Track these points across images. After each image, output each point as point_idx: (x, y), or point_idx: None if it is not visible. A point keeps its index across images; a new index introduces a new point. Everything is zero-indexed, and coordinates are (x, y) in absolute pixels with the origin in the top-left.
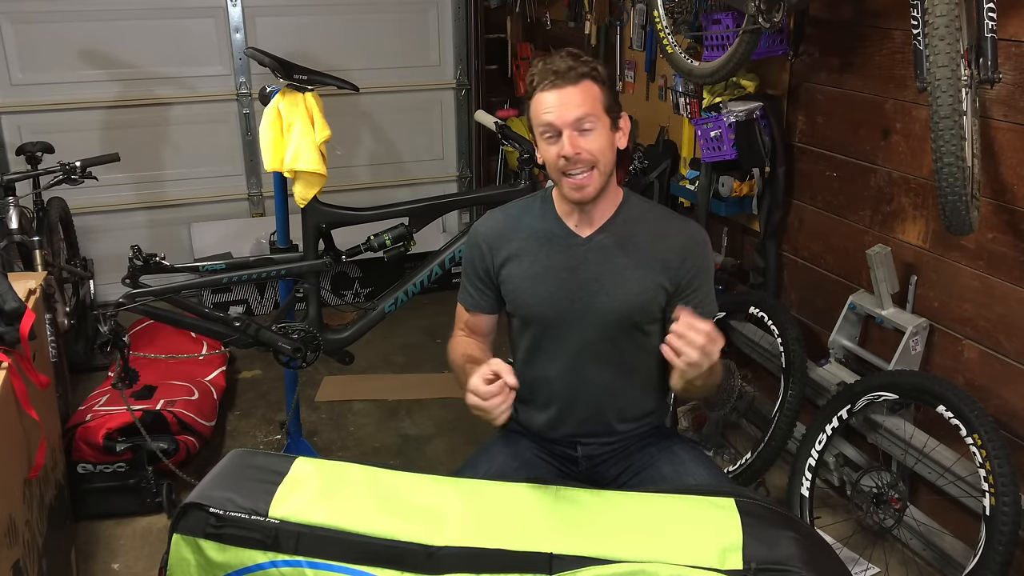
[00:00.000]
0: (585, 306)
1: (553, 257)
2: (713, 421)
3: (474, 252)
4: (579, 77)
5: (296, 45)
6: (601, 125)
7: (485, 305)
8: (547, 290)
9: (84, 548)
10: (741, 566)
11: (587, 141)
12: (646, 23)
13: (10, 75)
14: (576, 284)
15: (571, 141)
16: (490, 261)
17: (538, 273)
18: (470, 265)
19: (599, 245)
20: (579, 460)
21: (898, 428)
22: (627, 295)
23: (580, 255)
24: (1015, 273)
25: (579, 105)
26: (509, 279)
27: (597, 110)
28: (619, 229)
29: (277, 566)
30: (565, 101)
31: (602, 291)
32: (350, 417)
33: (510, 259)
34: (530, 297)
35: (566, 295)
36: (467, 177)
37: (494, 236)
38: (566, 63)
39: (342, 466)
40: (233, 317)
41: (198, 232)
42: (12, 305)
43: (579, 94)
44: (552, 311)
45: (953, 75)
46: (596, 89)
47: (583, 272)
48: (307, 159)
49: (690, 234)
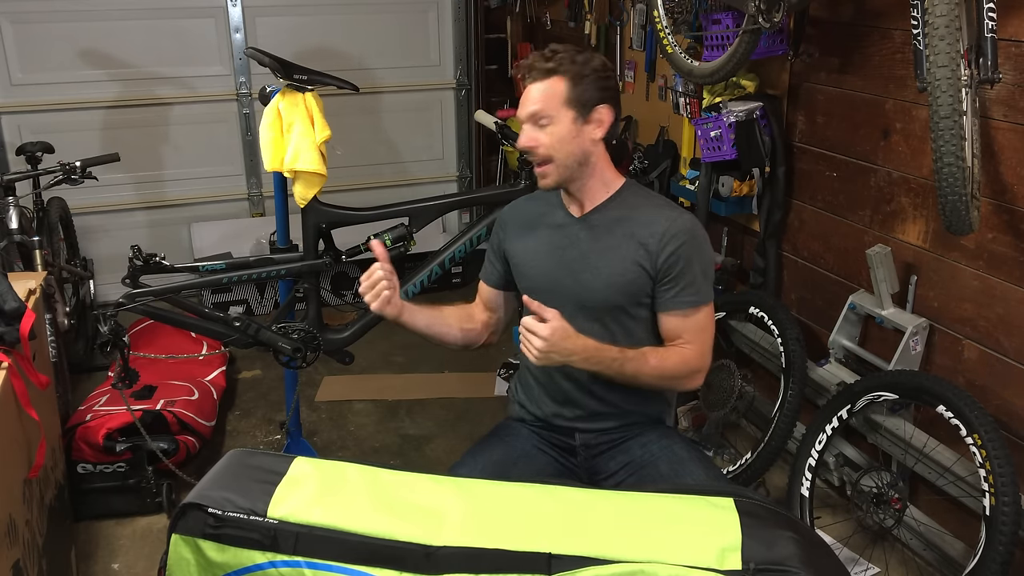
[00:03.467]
0: (575, 283)
1: (551, 235)
2: (713, 421)
3: (496, 228)
4: (545, 73)
5: (296, 45)
6: (560, 119)
7: (492, 277)
8: (546, 266)
9: (84, 548)
10: (740, 566)
11: (541, 135)
12: (646, 23)
13: (10, 75)
14: (567, 261)
15: (525, 134)
16: (502, 236)
17: (537, 250)
18: (492, 240)
19: (589, 225)
20: (577, 450)
21: (898, 428)
22: (611, 275)
23: (572, 234)
24: (1015, 273)
25: (536, 100)
26: (514, 254)
27: (554, 105)
28: (612, 212)
29: (276, 566)
30: (527, 97)
31: (588, 269)
32: (350, 417)
33: (518, 236)
34: (529, 270)
35: (560, 271)
36: (467, 177)
37: (511, 216)
38: (540, 60)
39: (341, 466)
40: (233, 317)
41: (198, 232)
42: (12, 305)
43: (541, 90)
44: (548, 285)
45: (953, 75)
46: (561, 84)
47: (573, 250)
48: (307, 159)
49: (674, 221)
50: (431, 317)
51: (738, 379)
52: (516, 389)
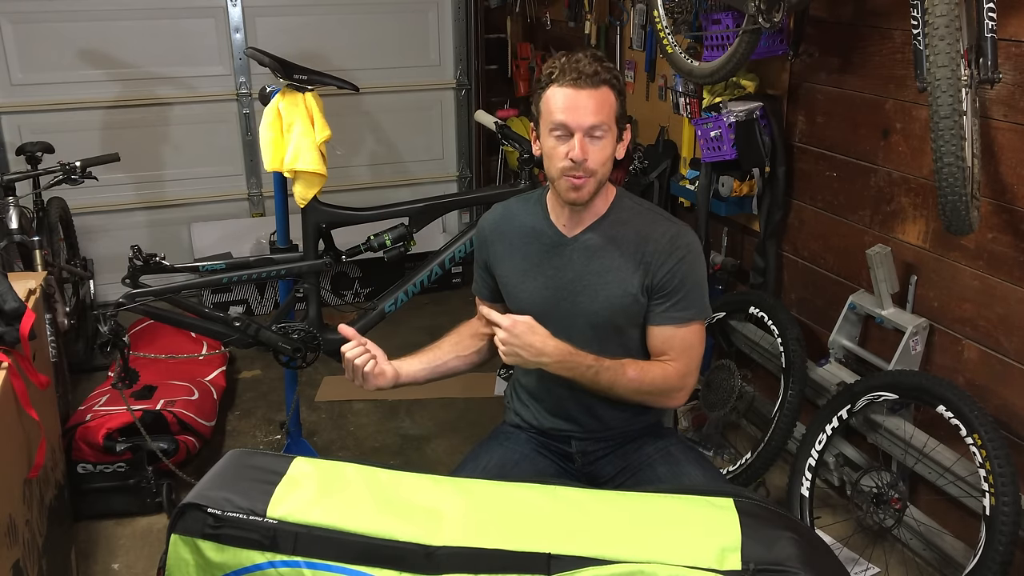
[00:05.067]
0: (570, 306)
1: (540, 255)
2: (713, 421)
3: (479, 242)
4: (601, 83)
5: (296, 45)
6: (610, 135)
7: (485, 292)
8: (534, 287)
9: (84, 548)
10: (740, 566)
11: (595, 149)
12: (646, 23)
13: (10, 75)
14: (560, 283)
15: (582, 146)
16: (487, 253)
17: (525, 270)
18: (476, 253)
19: (583, 245)
20: (574, 456)
21: (898, 428)
22: (609, 297)
23: (565, 255)
24: (1015, 273)
25: (595, 112)
26: (501, 274)
27: (611, 120)
28: (606, 230)
29: (275, 566)
30: (583, 105)
31: (584, 291)
32: (350, 417)
33: (502, 253)
34: (519, 293)
35: (552, 294)
36: (467, 177)
37: (491, 229)
38: (592, 66)
39: (340, 466)
40: (233, 317)
41: (198, 232)
42: (12, 305)
43: (598, 100)
44: (538, 308)
45: (953, 75)
46: (612, 98)
47: (567, 272)
48: (307, 159)
49: (672, 236)
50: (431, 364)
51: (738, 379)
52: (512, 398)
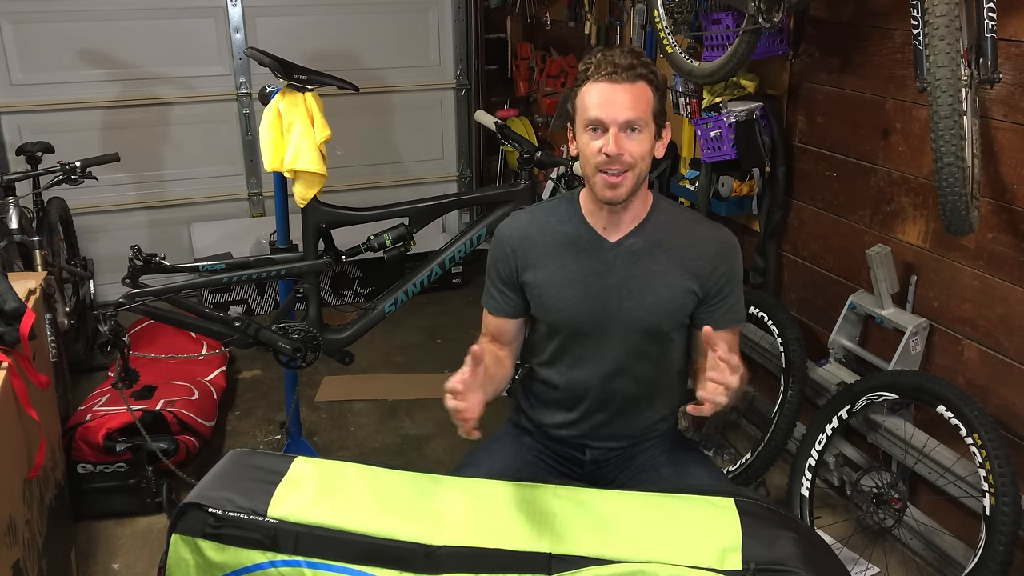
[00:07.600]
0: (613, 313)
1: (579, 262)
2: (713, 421)
3: (498, 255)
4: (637, 77)
5: (296, 45)
6: (647, 130)
7: (510, 309)
8: (573, 296)
9: (84, 548)
10: (740, 566)
11: (632, 144)
12: (646, 23)
13: (10, 75)
14: (603, 290)
15: (616, 140)
16: (514, 264)
17: (564, 278)
18: (494, 268)
19: (628, 250)
20: (585, 463)
21: (898, 428)
22: (656, 301)
23: (608, 260)
24: (1015, 273)
25: (631, 107)
26: (534, 284)
27: (647, 115)
28: (649, 234)
29: (276, 566)
30: (618, 100)
31: (630, 297)
32: (350, 417)
33: (535, 263)
34: (556, 302)
35: (592, 301)
36: (467, 177)
37: (519, 239)
38: (627, 59)
39: (341, 465)
40: (233, 317)
41: (198, 232)
42: (12, 305)
43: (633, 94)
44: (578, 317)
45: (953, 75)
46: (650, 93)
47: (610, 278)
48: (307, 159)
49: (721, 240)
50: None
51: None
52: (526, 401)
